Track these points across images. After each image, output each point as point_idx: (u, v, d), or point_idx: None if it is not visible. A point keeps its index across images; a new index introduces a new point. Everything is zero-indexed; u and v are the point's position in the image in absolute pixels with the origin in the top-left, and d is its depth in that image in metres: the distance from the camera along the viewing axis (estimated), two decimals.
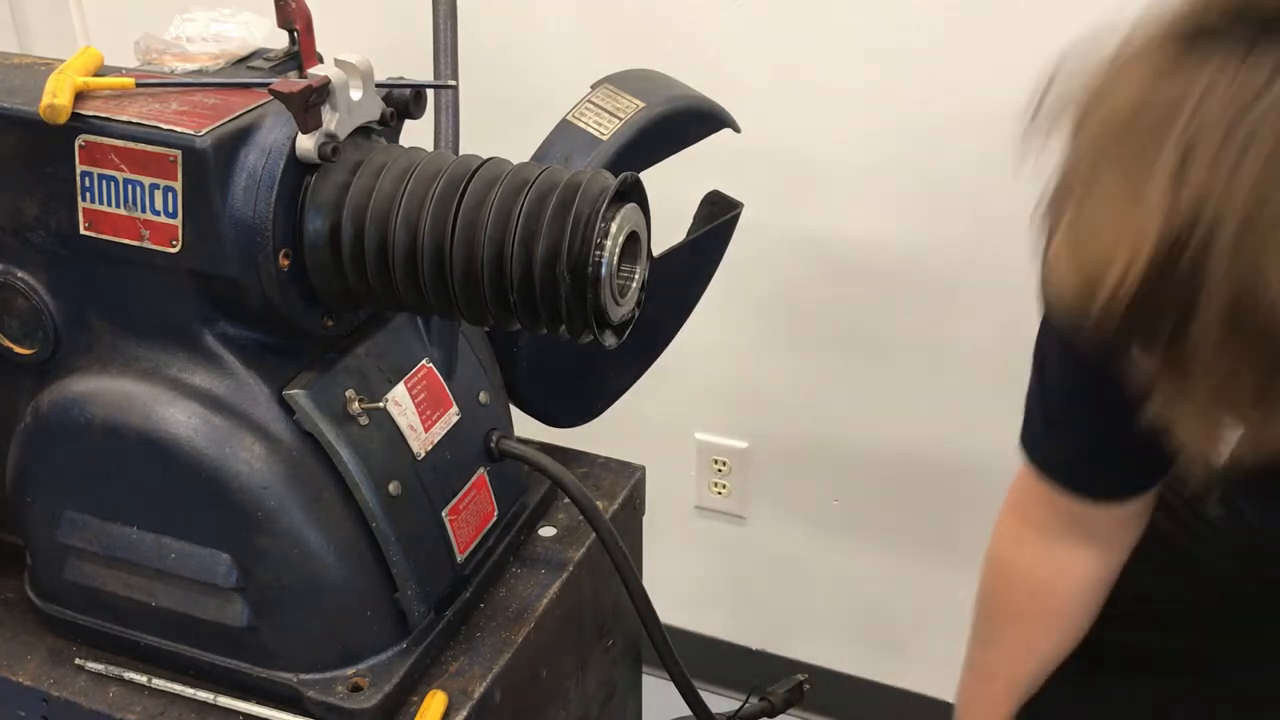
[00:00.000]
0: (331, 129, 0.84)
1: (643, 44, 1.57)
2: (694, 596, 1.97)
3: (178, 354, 0.89)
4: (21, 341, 0.93)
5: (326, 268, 0.86)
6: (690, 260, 1.21)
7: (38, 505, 0.94)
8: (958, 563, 1.75)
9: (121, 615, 0.95)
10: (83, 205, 0.86)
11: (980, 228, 1.51)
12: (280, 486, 0.87)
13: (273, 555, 0.88)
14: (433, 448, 0.96)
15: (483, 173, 0.84)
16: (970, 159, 1.49)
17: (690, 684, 1.10)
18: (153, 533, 0.91)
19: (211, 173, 0.82)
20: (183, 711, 0.92)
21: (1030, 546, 1.03)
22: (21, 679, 0.95)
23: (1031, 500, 1.01)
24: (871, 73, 1.49)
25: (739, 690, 1.24)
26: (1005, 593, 1.08)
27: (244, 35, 0.94)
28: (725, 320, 1.68)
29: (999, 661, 1.10)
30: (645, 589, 1.05)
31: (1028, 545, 1.04)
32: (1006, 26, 1.42)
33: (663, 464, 1.65)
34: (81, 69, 0.88)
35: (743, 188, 1.26)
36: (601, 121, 1.06)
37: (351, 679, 0.92)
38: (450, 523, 0.97)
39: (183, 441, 0.86)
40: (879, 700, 1.90)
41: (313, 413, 0.88)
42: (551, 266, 0.80)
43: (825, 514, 1.81)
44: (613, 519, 1.10)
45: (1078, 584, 1.03)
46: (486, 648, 0.98)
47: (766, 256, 1.63)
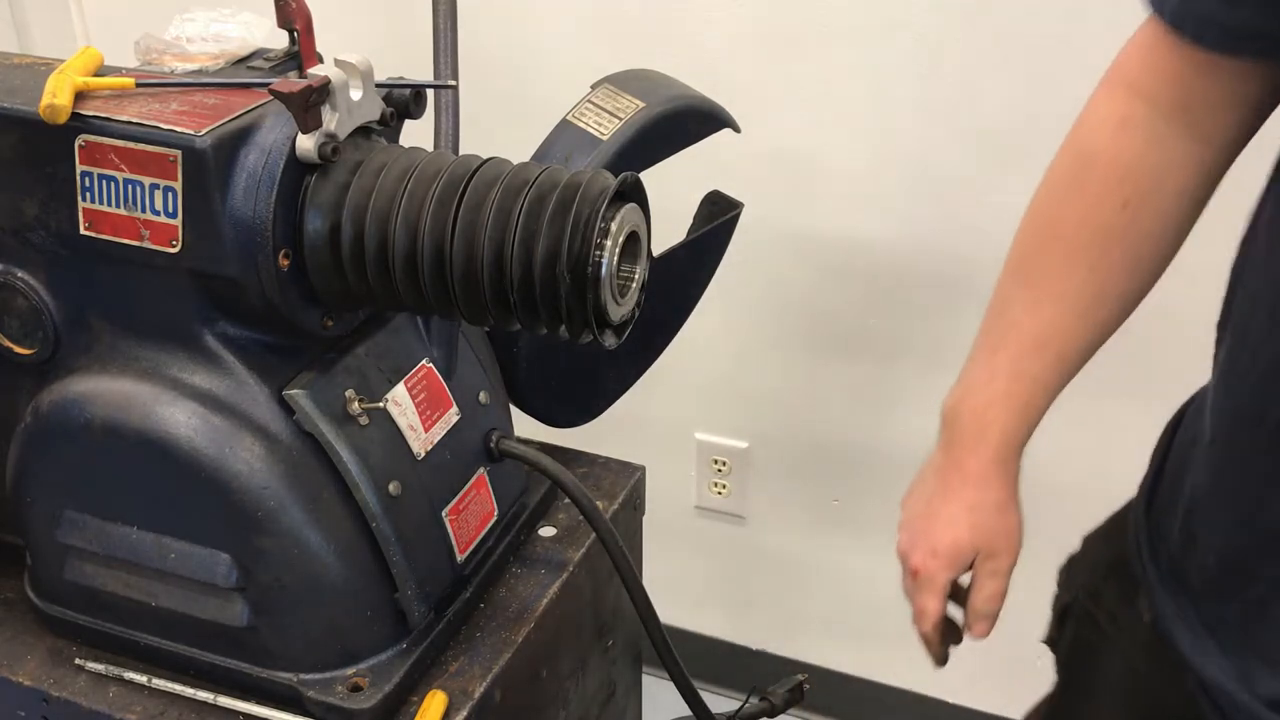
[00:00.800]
0: (331, 129, 0.84)
1: (643, 44, 1.58)
2: (694, 596, 1.97)
3: (178, 354, 0.89)
4: (21, 341, 0.93)
5: (326, 268, 0.86)
6: (690, 260, 1.21)
7: (38, 505, 0.94)
8: None
9: (121, 615, 0.95)
10: (83, 205, 0.86)
11: (980, 227, 1.51)
12: (280, 486, 0.87)
13: (273, 555, 0.88)
14: (433, 448, 0.96)
15: (483, 173, 0.84)
16: (970, 159, 1.49)
17: (690, 684, 1.10)
18: (153, 533, 0.91)
19: (211, 173, 0.82)
20: (183, 711, 0.92)
21: (1138, 130, 0.87)
22: (21, 679, 0.95)
23: (1143, 69, 0.88)
24: (871, 73, 1.49)
25: (739, 690, 1.24)
26: (1090, 202, 0.89)
27: (244, 35, 0.94)
28: (726, 320, 1.68)
29: (1052, 321, 0.91)
30: (645, 589, 1.05)
31: (1136, 129, 0.87)
32: (1006, 27, 1.42)
33: (663, 464, 1.65)
34: (81, 69, 0.88)
35: (743, 188, 1.26)
36: (601, 121, 1.06)
37: (351, 679, 0.92)
38: (450, 523, 0.97)
39: (182, 441, 0.86)
40: (879, 700, 1.90)
41: (313, 413, 0.88)
42: (551, 266, 0.80)
43: (825, 514, 1.81)
44: (613, 519, 1.10)
45: (1184, 183, 0.88)
46: (486, 648, 0.98)
47: (767, 256, 1.63)
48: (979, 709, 1.85)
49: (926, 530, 0.98)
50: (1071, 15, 1.39)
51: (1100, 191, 0.89)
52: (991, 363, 0.94)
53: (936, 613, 1.00)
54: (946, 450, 0.97)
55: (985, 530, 0.96)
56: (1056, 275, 0.91)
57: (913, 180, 1.53)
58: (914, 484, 1.02)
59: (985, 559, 0.97)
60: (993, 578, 0.97)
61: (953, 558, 0.97)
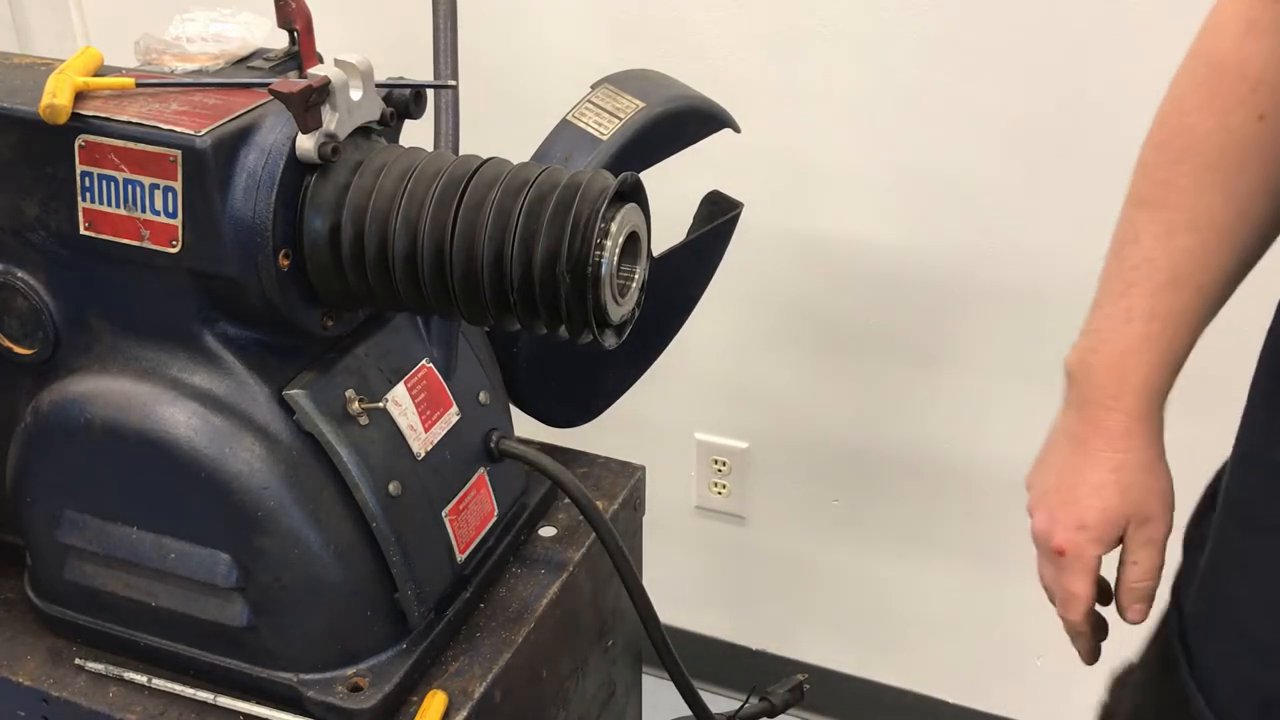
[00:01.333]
0: (331, 129, 0.84)
1: (643, 44, 1.58)
2: (694, 596, 1.97)
3: (178, 354, 0.89)
4: (21, 341, 0.93)
5: (326, 268, 0.86)
6: (690, 260, 1.21)
7: (38, 505, 0.94)
8: (957, 563, 1.75)
9: (121, 615, 0.95)
10: (83, 205, 0.86)
11: (980, 227, 1.51)
12: (280, 486, 0.87)
13: (273, 555, 0.88)
14: (433, 448, 0.96)
15: (483, 173, 0.84)
16: (969, 159, 1.49)
17: (690, 684, 1.10)
18: (153, 533, 0.91)
19: (211, 173, 0.82)
20: (183, 711, 0.92)
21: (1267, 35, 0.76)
22: (21, 679, 0.95)
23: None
24: (871, 73, 1.49)
25: (739, 690, 1.24)
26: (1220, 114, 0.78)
27: (244, 35, 0.94)
28: (725, 320, 1.68)
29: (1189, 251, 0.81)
30: (645, 589, 1.05)
31: (1265, 33, 0.76)
32: (1006, 28, 1.42)
33: (663, 464, 1.66)
34: (81, 69, 0.88)
35: (743, 188, 1.26)
36: (601, 121, 1.06)
37: (351, 679, 0.92)
38: (450, 523, 0.97)
39: (182, 441, 0.87)
40: (879, 700, 1.90)
41: (313, 413, 0.88)
42: (551, 266, 0.80)
43: (825, 514, 1.81)
44: (613, 519, 1.10)
45: None
46: (486, 648, 0.98)
47: (767, 256, 1.63)
48: (979, 709, 1.85)
49: (1067, 502, 0.85)
50: (1072, 17, 1.39)
51: (1230, 103, 0.77)
52: (1123, 305, 0.82)
53: (1089, 597, 0.87)
54: (1080, 410, 0.84)
55: (1136, 494, 0.84)
56: (1189, 198, 0.79)
57: (913, 180, 1.53)
58: (1041, 456, 0.89)
59: (1138, 527, 0.84)
60: (1147, 548, 0.85)
61: (1103, 528, 0.84)
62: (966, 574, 1.76)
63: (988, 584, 1.74)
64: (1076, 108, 1.40)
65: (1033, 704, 1.80)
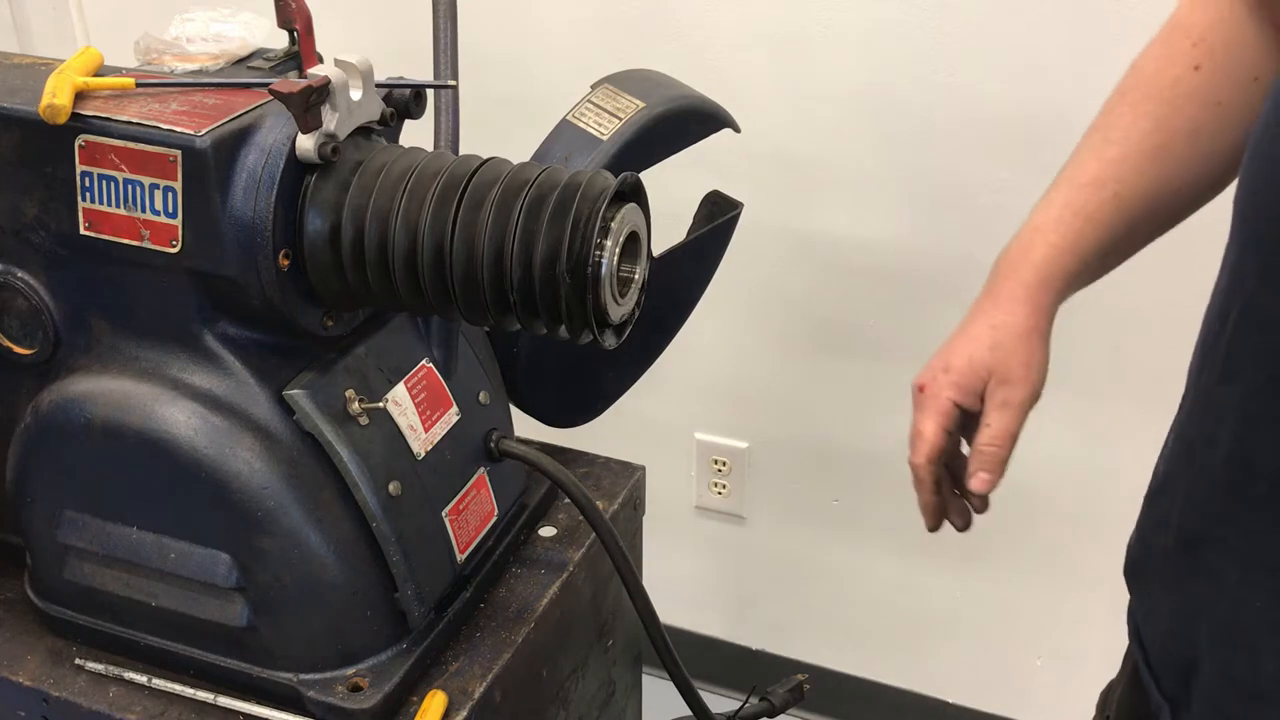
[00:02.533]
0: (331, 129, 0.84)
1: (643, 44, 1.58)
2: (694, 596, 1.97)
3: (178, 354, 0.89)
4: (21, 341, 0.93)
5: (326, 268, 0.86)
6: (690, 260, 1.21)
7: (38, 505, 0.94)
8: (957, 563, 1.75)
9: (121, 615, 0.95)
10: (83, 205, 0.86)
11: (979, 227, 1.50)
12: (280, 486, 0.87)
13: (273, 555, 0.88)
14: (433, 448, 0.96)
15: (483, 173, 0.84)
16: (969, 159, 1.49)
17: (690, 684, 1.10)
18: (153, 533, 0.91)
19: (211, 173, 0.82)
20: (183, 711, 0.92)
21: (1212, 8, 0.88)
22: (21, 679, 0.95)
23: None
24: (871, 73, 1.49)
25: (739, 690, 1.24)
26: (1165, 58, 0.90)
27: (244, 35, 0.94)
28: (725, 320, 1.68)
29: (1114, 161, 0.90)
30: (645, 589, 1.05)
31: (1211, 6, 0.88)
32: (1005, 28, 1.42)
33: (663, 464, 1.66)
34: (81, 69, 0.88)
35: (743, 188, 1.26)
36: (601, 121, 1.06)
37: (351, 679, 0.92)
38: (450, 523, 0.97)
39: (182, 441, 0.86)
40: (879, 700, 1.90)
41: (313, 413, 0.88)
42: (551, 266, 0.80)
43: (825, 514, 1.81)
44: (613, 519, 1.10)
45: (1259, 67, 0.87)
46: (486, 648, 0.98)
47: (767, 256, 1.63)
48: (979, 709, 1.85)
49: (942, 351, 0.90)
50: (1074, 18, 1.39)
51: (1175, 52, 0.89)
52: (1048, 198, 0.91)
53: (934, 440, 0.89)
54: (986, 287, 0.91)
55: (1004, 354, 0.87)
56: (1125, 120, 0.90)
57: (913, 180, 1.53)
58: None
59: (998, 385, 0.86)
60: (1003, 410, 0.87)
61: (964, 374, 0.87)
62: (966, 574, 1.76)
63: (988, 584, 1.75)
64: (1077, 108, 1.40)
65: (1033, 704, 1.80)
